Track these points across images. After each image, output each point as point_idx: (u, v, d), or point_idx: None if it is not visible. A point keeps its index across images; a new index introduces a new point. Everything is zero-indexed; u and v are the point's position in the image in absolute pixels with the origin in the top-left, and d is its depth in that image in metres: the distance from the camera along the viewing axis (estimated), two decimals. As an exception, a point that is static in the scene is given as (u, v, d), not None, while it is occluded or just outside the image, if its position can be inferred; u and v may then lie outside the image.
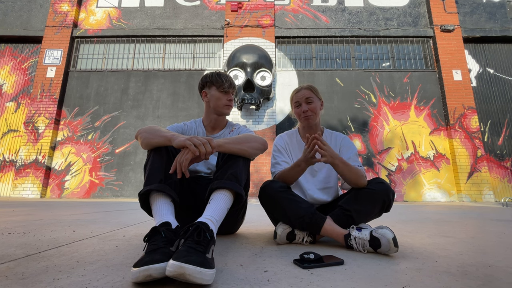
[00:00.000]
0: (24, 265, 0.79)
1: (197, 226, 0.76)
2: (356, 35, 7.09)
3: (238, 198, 1.00)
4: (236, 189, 0.96)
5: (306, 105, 1.35)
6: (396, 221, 2.12)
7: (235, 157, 1.04)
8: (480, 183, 6.06)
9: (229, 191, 0.96)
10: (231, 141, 1.05)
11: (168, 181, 0.99)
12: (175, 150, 1.06)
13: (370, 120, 6.60)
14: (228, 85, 1.35)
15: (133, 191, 6.14)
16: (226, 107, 1.36)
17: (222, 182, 0.96)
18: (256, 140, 1.12)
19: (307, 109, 1.34)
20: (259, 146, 1.13)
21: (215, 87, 1.35)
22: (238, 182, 0.99)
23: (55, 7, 7.14)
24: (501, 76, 7.03)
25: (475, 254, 1.02)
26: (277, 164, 1.34)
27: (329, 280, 0.71)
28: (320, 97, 1.40)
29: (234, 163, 1.02)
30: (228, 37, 6.87)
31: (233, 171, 1.00)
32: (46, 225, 1.62)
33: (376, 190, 1.16)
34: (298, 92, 1.39)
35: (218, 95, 1.35)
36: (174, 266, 0.62)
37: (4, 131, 6.74)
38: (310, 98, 1.35)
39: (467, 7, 7.35)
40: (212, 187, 0.97)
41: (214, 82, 1.35)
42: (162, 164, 1.01)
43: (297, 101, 1.38)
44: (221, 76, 1.36)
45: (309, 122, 1.36)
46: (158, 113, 6.66)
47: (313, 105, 1.35)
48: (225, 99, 1.35)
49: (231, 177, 0.98)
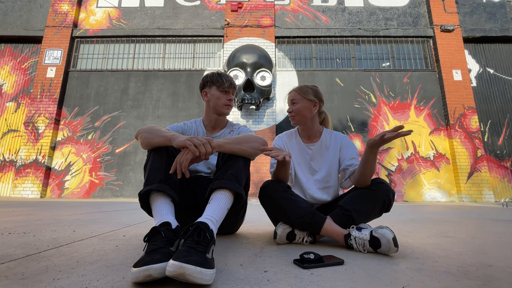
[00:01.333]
0: (24, 265, 0.79)
1: (197, 226, 0.76)
2: (356, 35, 7.09)
3: (238, 198, 1.00)
4: (236, 189, 0.96)
5: (291, 106, 1.41)
6: (396, 221, 2.12)
7: (235, 157, 1.04)
8: (480, 183, 6.06)
9: (229, 191, 0.96)
10: (231, 141, 1.05)
11: (168, 181, 0.99)
12: (175, 150, 1.06)
13: (370, 120, 6.60)
14: (228, 85, 1.36)
15: (133, 191, 6.14)
16: (225, 106, 1.37)
17: (222, 182, 0.96)
18: (256, 140, 1.12)
19: (291, 110, 1.40)
20: (259, 146, 1.13)
21: (215, 87, 1.36)
22: (238, 182, 0.99)
23: (55, 7, 7.14)
24: (501, 76, 7.03)
25: (475, 254, 1.02)
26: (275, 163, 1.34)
27: (329, 280, 0.71)
28: (310, 98, 1.38)
29: (234, 163, 1.02)
30: (228, 37, 6.87)
31: (233, 171, 1.00)
32: (46, 225, 1.62)
33: (376, 190, 1.16)
34: (288, 94, 1.47)
35: (218, 94, 1.36)
36: (174, 266, 0.62)
37: (4, 131, 6.74)
38: (294, 99, 1.40)
39: (467, 7, 7.35)
40: (212, 187, 0.97)
41: (214, 81, 1.36)
42: (162, 164, 1.01)
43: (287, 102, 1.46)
44: (222, 76, 1.37)
45: (294, 122, 1.42)
46: (158, 113, 6.66)
47: (296, 106, 1.39)
48: (225, 98, 1.36)
49: (231, 177, 0.98)
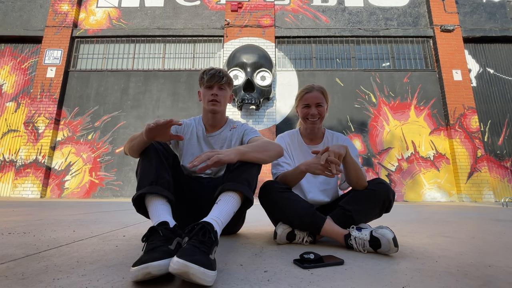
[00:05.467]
0: (24, 265, 0.79)
1: (202, 226, 0.75)
2: (356, 35, 7.09)
3: (246, 203, 1.00)
4: (248, 195, 0.96)
5: (316, 109, 1.31)
6: (396, 221, 2.12)
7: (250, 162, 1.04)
8: (480, 183, 6.06)
9: (239, 195, 0.95)
10: (252, 149, 1.05)
11: (160, 181, 0.97)
12: (164, 149, 1.06)
13: (370, 120, 6.60)
14: (209, 78, 1.26)
15: (133, 191, 6.14)
16: (210, 103, 1.28)
17: (235, 185, 0.95)
18: (274, 148, 1.12)
19: (316, 112, 1.31)
20: (276, 154, 1.12)
21: (201, 84, 1.33)
22: (250, 187, 0.99)
23: (55, 7, 7.14)
24: (501, 76, 7.03)
25: (475, 254, 1.02)
26: (278, 165, 1.33)
27: (329, 280, 0.71)
28: (328, 99, 1.37)
29: (248, 168, 1.02)
30: (228, 37, 6.87)
31: (247, 176, 0.99)
32: (46, 225, 1.62)
33: (376, 190, 1.16)
34: (309, 93, 1.34)
35: (203, 91, 1.32)
36: (178, 263, 0.62)
37: (4, 131, 6.74)
38: (321, 102, 1.32)
39: (467, 7, 7.35)
40: (224, 188, 0.95)
41: (200, 79, 1.33)
42: (152, 165, 1.00)
43: (307, 103, 1.33)
44: (205, 71, 1.29)
45: (314, 126, 1.34)
46: (158, 113, 6.66)
47: (321, 109, 1.33)
48: (209, 94, 1.28)
49: (244, 181, 0.97)
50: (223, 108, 1.34)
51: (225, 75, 1.30)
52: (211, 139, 1.35)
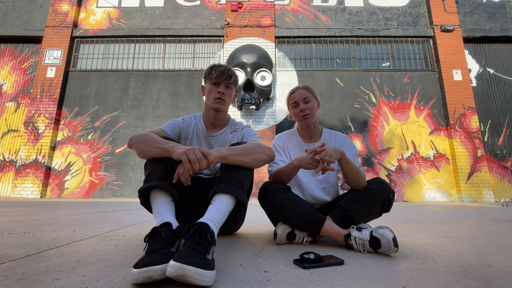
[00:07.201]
0: (24, 265, 0.79)
1: (198, 227, 0.75)
2: (356, 35, 7.09)
3: (239, 205, 1.00)
4: (240, 197, 0.95)
5: (304, 104, 1.36)
6: (396, 221, 2.12)
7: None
8: (480, 183, 6.06)
9: (231, 197, 0.95)
10: (235, 152, 1.01)
11: (168, 177, 0.99)
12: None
13: (370, 120, 6.60)
14: (218, 75, 1.24)
15: (133, 191, 6.14)
16: (216, 100, 1.25)
17: (226, 187, 0.95)
18: (262, 151, 1.08)
19: (305, 107, 1.35)
20: (265, 158, 1.08)
21: (208, 80, 1.29)
22: (242, 189, 0.99)
23: (55, 7, 7.13)
24: (501, 76, 7.03)
25: (475, 254, 1.02)
26: (274, 163, 1.34)
27: (329, 280, 0.71)
28: (316, 96, 1.42)
29: (241, 169, 1.02)
30: (228, 37, 6.87)
31: (239, 177, 0.99)
32: (46, 225, 1.62)
33: (376, 190, 1.16)
34: (294, 92, 1.40)
35: (209, 87, 1.28)
36: (174, 267, 0.62)
37: (4, 131, 6.74)
38: (308, 97, 1.36)
39: (467, 7, 7.35)
40: (216, 190, 0.95)
41: (207, 74, 1.29)
42: (161, 163, 1.01)
43: (294, 102, 1.38)
44: (213, 67, 1.27)
45: (307, 122, 1.37)
46: (158, 113, 6.66)
47: (310, 104, 1.36)
48: (215, 91, 1.25)
49: (236, 183, 0.97)
50: (227, 107, 1.33)
51: (233, 73, 1.30)
52: (211, 139, 1.34)
